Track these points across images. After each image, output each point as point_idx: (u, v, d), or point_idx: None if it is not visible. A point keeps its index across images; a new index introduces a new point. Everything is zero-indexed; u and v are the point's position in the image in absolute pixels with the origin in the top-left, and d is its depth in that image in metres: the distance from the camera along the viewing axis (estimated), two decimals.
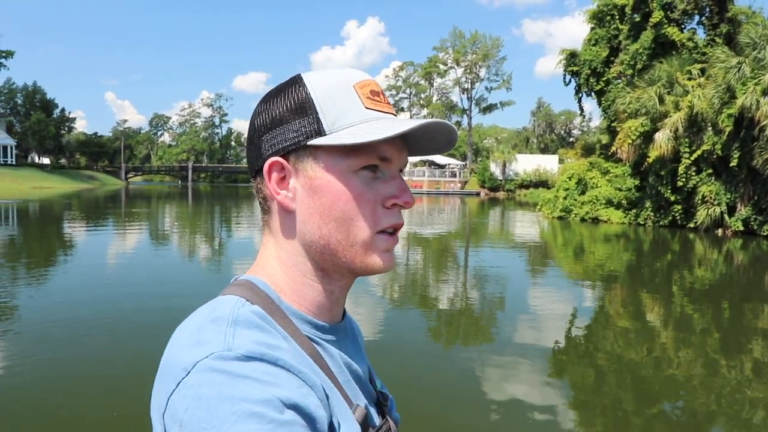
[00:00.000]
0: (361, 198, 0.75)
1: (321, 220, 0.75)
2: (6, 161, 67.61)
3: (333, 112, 0.74)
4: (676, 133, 21.04)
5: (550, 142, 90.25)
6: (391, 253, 0.79)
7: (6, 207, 29.71)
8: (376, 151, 0.74)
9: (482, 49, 72.75)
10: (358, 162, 0.74)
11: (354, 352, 0.85)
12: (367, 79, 0.79)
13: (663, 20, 23.82)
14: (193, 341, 0.64)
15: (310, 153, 0.75)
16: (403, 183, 0.78)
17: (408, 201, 0.77)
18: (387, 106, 0.78)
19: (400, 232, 0.78)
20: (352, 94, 0.76)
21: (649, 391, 5.25)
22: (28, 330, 6.75)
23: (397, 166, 0.78)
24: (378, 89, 0.79)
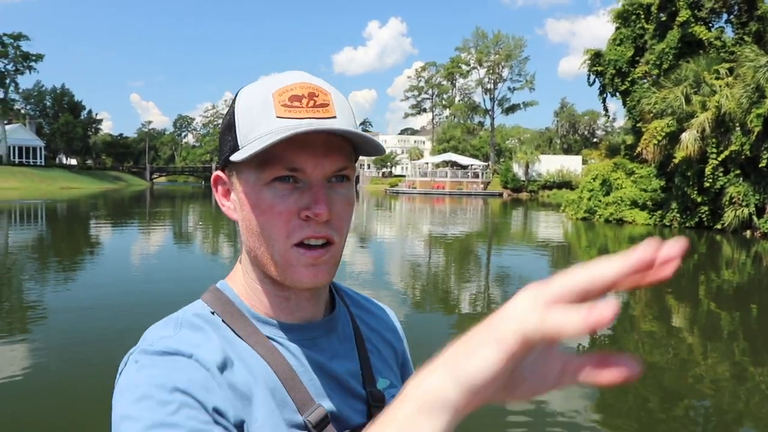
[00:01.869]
0: (272, 211, 0.74)
1: (247, 233, 0.78)
2: (35, 162, 68.99)
3: (245, 126, 0.75)
4: (703, 133, 20.72)
5: (573, 143, 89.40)
6: (317, 268, 0.75)
7: (36, 207, 30.31)
8: (283, 162, 0.73)
9: (505, 49, 72.36)
10: (268, 174, 0.73)
11: (341, 351, 0.84)
12: (295, 83, 0.75)
13: (690, 19, 23.47)
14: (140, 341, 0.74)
15: (233, 168, 0.78)
16: (319, 193, 0.73)
17: (317, 213, 0.72)
18: (309, 110, 0.74)
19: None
20: (267, 105, 0.74)
21: (674, 393, 5.18)
22: (55, 324, 6.89)
23: (319, 175, 0.74)
24: (303, 92, 0.74)
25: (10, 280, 10.16)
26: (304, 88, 0.75)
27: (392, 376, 0.91)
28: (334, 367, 0.81)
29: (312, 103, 0.74)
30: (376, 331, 0.95)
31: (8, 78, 62.78)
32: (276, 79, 0.77)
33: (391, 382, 0.90)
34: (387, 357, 0.94)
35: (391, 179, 72.60)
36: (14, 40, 62.22)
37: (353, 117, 0.79)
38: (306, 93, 0.75)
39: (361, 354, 0.87)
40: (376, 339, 0.94)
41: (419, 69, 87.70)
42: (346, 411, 0.80)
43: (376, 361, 0.90)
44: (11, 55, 62.56)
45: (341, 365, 0.82)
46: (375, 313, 0.98)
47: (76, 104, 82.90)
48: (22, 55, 63.00)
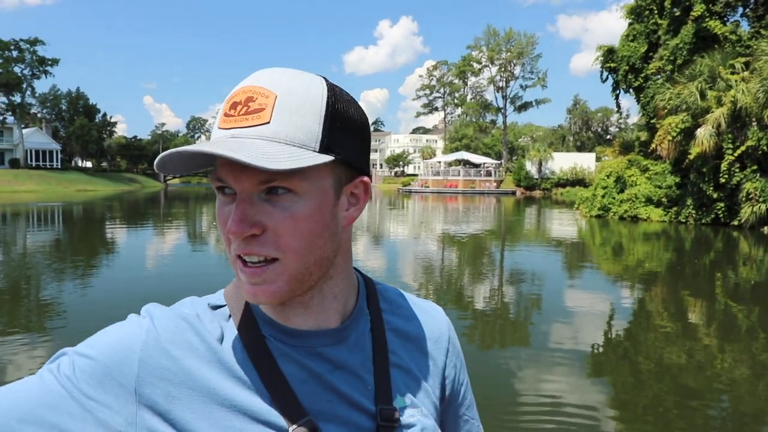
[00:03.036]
0: (218, 219, 0.73)
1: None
2: (52, 165, 69.83)
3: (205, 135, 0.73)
4: (719, 128, 20.50)
5: (586, 140, 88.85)
6: (257, 287, 0.71)
7: (53, 209, 30.66)
8: (216, 173, 0.71)
9: (517, 46, 72.05)
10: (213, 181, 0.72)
11: (350, 363, 0.80)
12: (240, 88, 0.71)
13: (704, 13, 23.22)
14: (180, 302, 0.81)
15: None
16: (237, 210, 0.68)
17: (230, 230, 0.68)
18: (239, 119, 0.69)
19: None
20: (219, 112, 0.73)
21: (691, 391, 5.14)
22: (74, 324, 6.97)
23: (240, 189, 0.69)
24: (242, 98, 0.70)
25: (29, 280, 10.29)
26: (244, 93, 0.70)
27: (421, 395, 0.84)
28: (335, 380, 0.77)
29: (245, 110, 0.69)
30: (415, 342, 0.88)
31: (25, 82, 63.57)
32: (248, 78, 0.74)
33: (413, 401, 0.82)
34: (420, 373, 0.86)
35: (404, 178, 72.61)
36: (31, 45, 63.04)
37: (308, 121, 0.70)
38: (243, 99, 0.70)
39: (377, 367, 0.81)
40: (411, 351, 0.87)
41: (431, 68, 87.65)
42: (344, 428, 0.75)
43: (400, 377, 0.83)
44: (28, 60, 63.40)
45: (345, 378, 0.78)
46: (418, 320, 0.91)
47: (91, 107, 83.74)
48: (39, 59, 63.83)
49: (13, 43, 62.12)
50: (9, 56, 62.01)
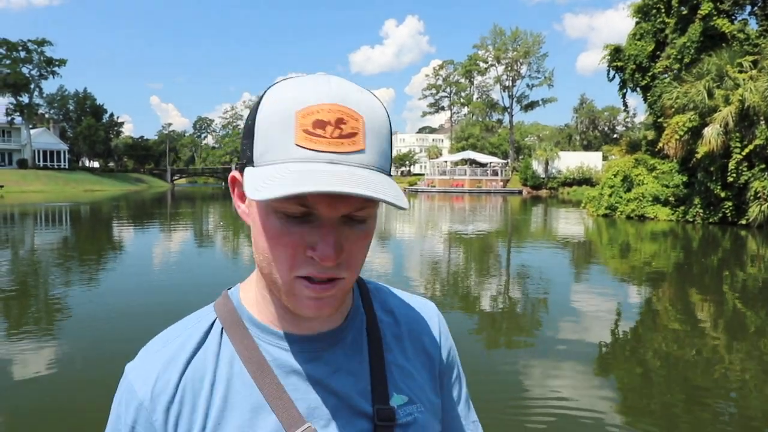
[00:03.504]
0: (278, 240, 0.69)
1: (255, 249, 0.74)
2: (60, 165, 70.21)
3: (263, 142, 0.67)
4: (726, 127, 20.40)
5: (593, 139, 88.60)
6: (320, 301, 0.70)
7: (61, 209, 30.82)
8: (295, 199, 0.65)
9: (523, 46, 71.88)
10: (278, 205, 0.67)
11: (347, 365, 0.80)
12: (321, 104, 0.66)
13: (712, 12, 23.12)
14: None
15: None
16: (328, 235, 0.67)
17: (322, 257, 0.66)
18: (332, 142, 0.65)
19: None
20: (288, 125, 0.66)
21: (699, 391, 5.13)
22: (80, 323, 7.02)
23: (331, 215, 0.67)
24: (329, 118, 0.65)
25: (36, 279, 10.36)
26: (332, 113, 0.66)
27: (418, 391, 0.84)
28: (335, 383, 0.77)
29: (338, 133, 0.65)
30: (409, 339, 0.89)
31: (33, 83, 63.90)
32: (303, 91, 0.68)
33: (410, 398, 0.83)
34: (415, 369, 0.87)
35: (410, 178, 72.57)
36: (38, 46, 63.35)
37: (387, 146, 0.70)
38: (333, 119, 0.66)
39: (374, 367, 0.81)
40: (405, 348, 0.87)
41: (437, 67, 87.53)
42: (344, 430, 0.76)
43: (397, 375, 0.84)
44: (35, 60, 63.74)
45: (344, 380, 0.78)
46: (410, 316, 0.91)
47: (98, 108, 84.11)
48: (46, 60, 64.15)
49: (21, 43, 62.47)
50: (17, 57, 62.35)
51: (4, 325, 7.21)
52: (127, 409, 0.76)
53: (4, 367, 5.53)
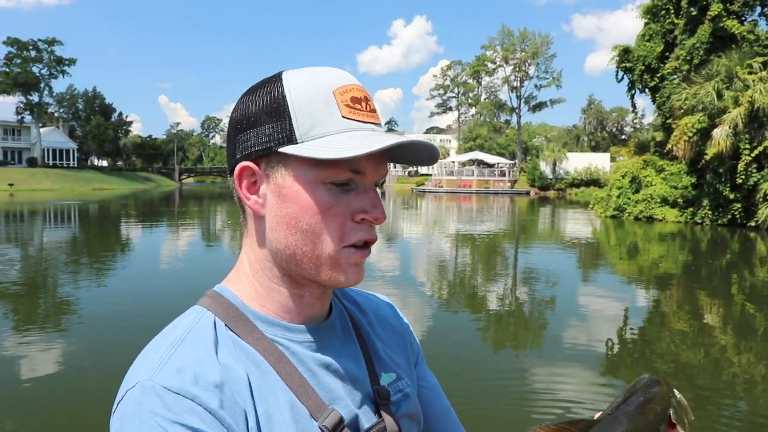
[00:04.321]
0: (329, 212, 0.72)
1: (288, 230, 0.74)
2: (69, 164, 70.60)
3: (307, 119, 0.72)
4: (736, 129, 20.30)
5: (601, 140, 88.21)
6: (360, 267, 0.76)
7: (70, 208, 31.00)
8: (348, 164, 0.71)
9: (531, 46, 71.68)
10: (328, 175, 0.72)
11: (344, 350, 0.82)
12: (350, 84, 0.75)
13: (722, 13, 22.99)
14: (139, 361, 0.70)
15: (280, 160, 0.73)
16: (375, 197, 0.74)
17: (378, 217, 0.74)
18: (368, 114, 0.75)
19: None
20: (330, 102, 0.72)
21: (707, 393, 5.11)
22: (91, 322, 7.07)
23: (373, 179, 0.75)
24: (360, 95, 0.75)
25: (45, 278, 10.44)
26: (361, 91, 0.76)
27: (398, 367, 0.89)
28: (343, 368, 0.80)
29: (369, 107, 0.75)
30: (379, 323, 0.93)
31: (43, 82, 64.28)
32: (328, 74, 0.75)
33: (397, 374, 0.87)
34: (390, 349, 0.91)
35: (418, 178, 72.46)
36: (48, 45, 63.73)
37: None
38: (363, 96, 0.75)
39: (363, 350, 0.85)
40: (378, 331, 0.92)
41: (445, 67, 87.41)
42: (358, 412, 0.78)
43: (381, 355, 0.88)
44: (45, 60, 64.10)
45: (349, 365, 0.81)
46: (372, 303, 0.96)
47: (107, 107, 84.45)
48: (56, 59, 64.52)
49: (32, 43, 62.87)
50: (27, 56, 62.76)
51: (13, 322, 7.28)
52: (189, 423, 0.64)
53: (14, 362, 5.58)
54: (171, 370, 0.67)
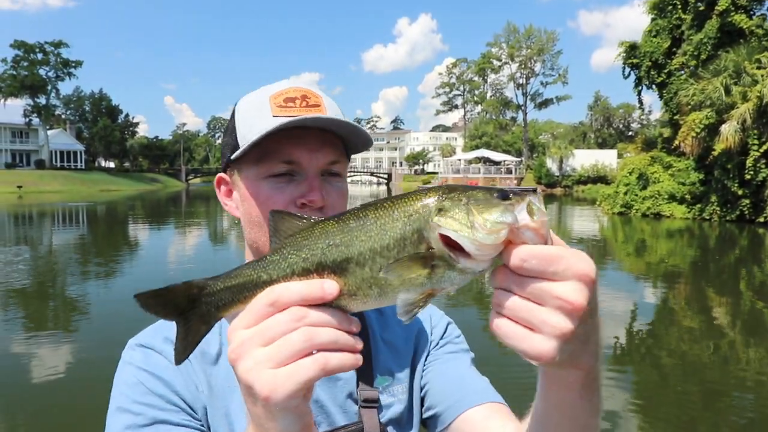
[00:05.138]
0: (269, 201, 0.80)
1: (249, 226, 0.85)
2: (76, 165, 70.95)
3: (245, 126, 0.82)
4: (744, 124, 20.17)
5: (608, 137, 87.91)
6: None
7: (78, 209, 31.14)
8: (280, 156, 0.79)
9: (537, 43, 71.49)
10: (266, 169, 0.80)
11: None
12: (289, 88, 0.83)
13: (730, 7, 22.85)
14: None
15: (236, 166, 0.85)
16: (313, 183, 0.80)
17: (311, 199, 0.79)
18: (303, 109, 0.81)
19: None
20: (264, 107, 0.82)
21: (716, 389, 5.09)
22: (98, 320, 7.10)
23: (313, 166, 0.81)
24: (296, 95, 0.82)
25: (54, 278, 10.49)
26: (298, 92, 0.82)
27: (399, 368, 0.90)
28: None
29: (305, 104, 0.82)
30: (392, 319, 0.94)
31: (49, 84, 64.58)
32: (272, 86, 0.85)
33: (394, 378, 0.89)
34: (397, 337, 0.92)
35: (424, 176, 72.48)
36: (55, 48, 64.02)
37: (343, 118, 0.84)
38: (299, 95, 0.82)
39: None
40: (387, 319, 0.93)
41: (450, 65, 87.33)
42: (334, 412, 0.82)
43: (383, 352, 0.89)
44: (52, 62, 64.40)
45: None
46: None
47: (114, 108, 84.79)
48: (63, 62, 64.82)
49: (38, 45, 63.19)
50: (34, 59, 63.09)
51: (25, 320, 7.32)
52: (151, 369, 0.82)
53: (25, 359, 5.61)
54: (150, 331, 0.88)
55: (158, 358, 0.82)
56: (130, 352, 0.85)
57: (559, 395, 0.61)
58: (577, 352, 0.54)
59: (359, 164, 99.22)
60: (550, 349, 0.51)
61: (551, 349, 0.51)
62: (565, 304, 0.50)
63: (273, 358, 0.50)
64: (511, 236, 0.52)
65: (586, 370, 0.57)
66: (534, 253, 0.51)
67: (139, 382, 0.80)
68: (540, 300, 0.51)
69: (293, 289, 0.52)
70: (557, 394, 0.61)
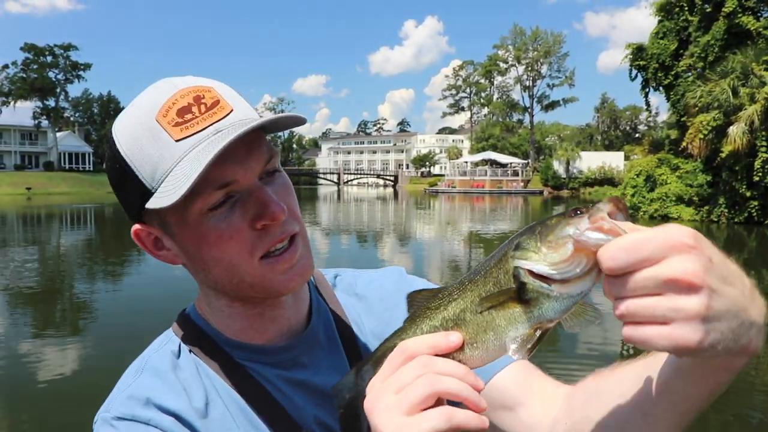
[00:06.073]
0: (222, 238, 0.68)
1: (204, 270, 0.73)
2: (84, 167, 71.30)
3: (146, 165, 0.67)
4: (752, 126, 20.09)
5: (614, 139, 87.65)
6: (294, 269, 0.72)
7: (86, 211, 31.30)
8: (211, 184, 0.65)
9: (543, 45, 71.44)
10: (200, 205, 0.66)
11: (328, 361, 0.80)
12: (171, 94, 0.68)
13: (737, 9, 22.77)
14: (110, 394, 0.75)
15: (156, 213, 0.69)
16: (263, 196, 0.68)
17: (274, 215, 0.67)
18: (204, 117, 0.67)
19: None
20: (156, 132, 0.66)
21: (725, 395, 5.07)
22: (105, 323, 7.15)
23: (251, 179, 0.68)
24: (187, 101, 0.67)
25: (62, 279, 10.56)
26: (187, 95, 0.68)
27: None
28: (318, 382, 0.78)
29: (204, 108, 0.67)
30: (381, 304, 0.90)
31: (59, 87, 64.97)
32: (149, 100, 0.69)
33: None
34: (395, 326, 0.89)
35: (430, 179, 72.49)
36: (64, 51, 64.41)
37: (243, 99, 0.74)
38: (191, 99, 0.68)
39: (349, 355, 0.83)
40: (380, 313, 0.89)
41: (457, 68, 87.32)
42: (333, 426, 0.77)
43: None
44: (61, 65, 64.78)
45: (328, 377, 0.78)
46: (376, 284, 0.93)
47: (121, 110, 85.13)
48: (72, 64, 65.19)
49: (48, 48, 63.61)
50: (44, 62, 63.52)
51: (34, 320, 7.38)
52: None
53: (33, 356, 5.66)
54: (123, 398, 0.71)
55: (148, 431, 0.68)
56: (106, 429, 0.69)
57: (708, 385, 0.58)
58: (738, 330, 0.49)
59: (366, 167, 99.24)
60: (694, 336, 0.45)
61: (695, 335, 0.45)
62: (678, 281, 0.45)
63: (401, 404, 0.53)
64: (579, 246, 0.49)
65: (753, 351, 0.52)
66: (618, 247, 0.47)
67: None
68: (655, 290, 0.46)
69: (421, 339, 0.57)
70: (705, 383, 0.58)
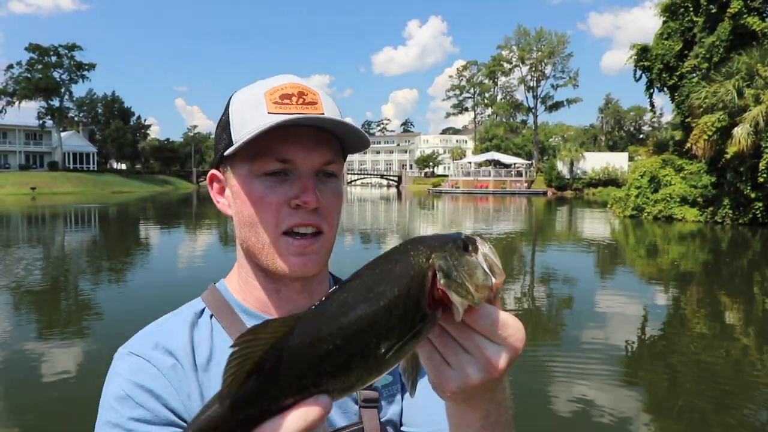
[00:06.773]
0: (262, 201, 0.78)
1: (240, 225, 0.83)
2: (89, 167, 71.53)
3: (240, 122, 0.80)
4: (757, 127, 20.03)
5: (618, 140, 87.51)
6: (305, 257, 0.79)
7: (90, 211, 31.38)
8: (274, 154, 0.77)
9: (547, 46, 71.25)
10: (259, 167, 0.78)
11: None
12: (284, 83, 0.81)
13: (742, 9, 22.71)
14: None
15: (228, 163, 0.83)
16: (308, 183, 0.78)
17: (306, 200, 0.77)
18: (299, 107, 0.79)
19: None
20: (259, 103, 0.79)
21: (728, 394, 5.07)
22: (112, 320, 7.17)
23: (307, 166, 0.78)
24: (293, 92, 0.80)
25: (66, 278, 10.60)
26: (294, 88, 0.80)
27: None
28: None
29: (301, 101, 0.79)
30: None
31: (63, 87, 65.17)
32: (268, 81, 0.83)
33: (394, 377, 0.88)
34: None
35: (434, 179, 72.42)
36: (69, 51, 64.61)
37: (340, 116, 0.83)
38: (296, 92, 0.80)
39: None
40: None
41: (460, 68, 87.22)
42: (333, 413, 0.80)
43: None
44: (66, 65, 64.99)
45: None
46: None
47: (126, 110, 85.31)
48: (76, 64, 65.39)
49: (53, 49, 63.79)
50: (48, 62, 63.71)
51: (38, 320, 7.41)
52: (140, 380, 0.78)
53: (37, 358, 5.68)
54: (140, 337, 0.83)
55: (147, 367, 0.79)
56: (119, 361, 0.82)
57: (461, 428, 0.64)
58: (476, 398, 0.58)
59: (369, 167, 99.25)
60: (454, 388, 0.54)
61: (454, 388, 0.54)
62: (489, 364, 0.54)
63: None
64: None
65: (484, 412, 0.61)
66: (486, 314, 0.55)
67: (127, 395, 0.77)
68: (471, 350, 0.54)
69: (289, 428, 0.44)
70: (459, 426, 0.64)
